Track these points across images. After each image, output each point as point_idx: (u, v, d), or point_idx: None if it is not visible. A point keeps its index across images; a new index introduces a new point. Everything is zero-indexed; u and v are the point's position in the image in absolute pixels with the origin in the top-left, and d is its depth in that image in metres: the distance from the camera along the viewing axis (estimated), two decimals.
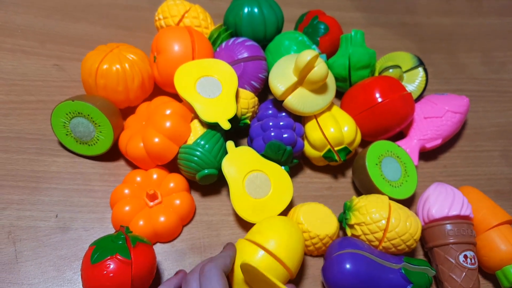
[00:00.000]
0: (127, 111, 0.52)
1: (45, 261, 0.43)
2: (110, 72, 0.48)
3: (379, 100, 0.50)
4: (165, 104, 0.48)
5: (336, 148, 0.49)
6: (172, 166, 0.49)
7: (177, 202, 0.46)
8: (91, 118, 0.46)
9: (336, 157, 0.49)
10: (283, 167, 0.48)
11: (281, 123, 0.48)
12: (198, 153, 0.45)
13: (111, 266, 0.36)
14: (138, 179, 0.47)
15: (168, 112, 0.47)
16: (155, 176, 0.47)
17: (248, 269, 0.36)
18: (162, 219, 0.44)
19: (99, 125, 0.47)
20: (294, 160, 0.50)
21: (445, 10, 0.79)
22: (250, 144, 0.51)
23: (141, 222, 0.44)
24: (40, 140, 0.50)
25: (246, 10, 0.55)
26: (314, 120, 0.50)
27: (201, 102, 0.47)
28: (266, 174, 0.47)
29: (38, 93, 0.54)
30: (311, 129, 0.50)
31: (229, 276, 0.39)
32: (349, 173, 0.54)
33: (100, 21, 0.63)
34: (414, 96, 0.58)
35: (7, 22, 0.59)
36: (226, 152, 0.48)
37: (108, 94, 0.49)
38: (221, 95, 0.48)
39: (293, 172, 0.53)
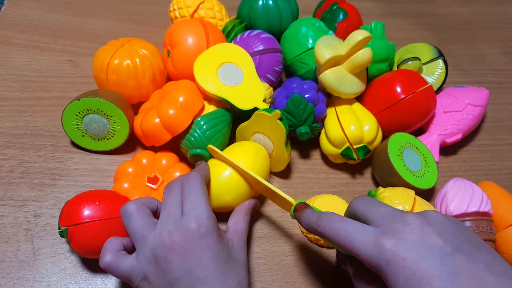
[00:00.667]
0: (139, 106, 0.51)
1: (63, 258, 0.43)
2: (121, 67, 0.47)
3: (402, 96, 0.49)
4: (177, 82, 0.49)
5: (355, 146, 0.48)
6: (156, 148, 0.49)
7: (177, 174, 0.46)
8: (102, 111, 0.46)
9: (355, 156, 0.48)
10: (303, 129, 0.48)
11: (304, 86, 0.48)
12: (195, 133, 0.46)
13: None
14: (144, 161, 0.47)
15: (180, 87, 0.47)
16: (144, 160, 0.47)
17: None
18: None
19: (112, 116, 0.46)
20: (314, 124, 0.49)
21: None
22: (272, 106, 0.51)
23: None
24: (56, 136, 0.50)
25: (260, 2, 0.54)
26: (334, 116, 0.49)
27: (230, 92, 0.47)
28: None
29: (53, 89, 0.53)
30: (331, 125, 0.49)
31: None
32: (367, 169, 0.54)
33: (113, 15, 0.63)
34: (433, 89, 0.57)
35: (20, 17, 0.59)
36: (225, 138, 0.48)
37: (119, 89, 0.49)
38: (245, 79, 0.48)
39: (309, 167, 0.53)
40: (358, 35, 0.45)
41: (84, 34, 0.60)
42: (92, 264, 0.43)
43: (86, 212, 0.39)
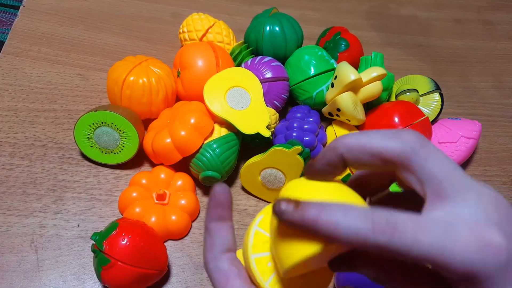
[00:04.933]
0: (146, 122, 0.53)
1: (66, 270, 0.43)
2: (137, 84, 0.49)
3: (399, 128, 0.51)
4: (188, 104, 0.50)
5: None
6: (178, 167, 0.50)
7: (183, 202, 0.47)
8: (115, 125, 0.47)
9: None
10: None
11: (305, 126, 0.50)
12: (208, 154, 0.47)
13: None
14: (144, 181, 0.48)
15: (192, 108, 0.48)
16: (162, 175, 0.49)
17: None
18: (173, 218, 0.46)
19: (124, 132, 0.48)
20: None
21: (458, 32, 0.81)
22: (272, 140, 0.53)
23: (153, 219, 0.45)
24: (63, 149, 0.51)
25: (268, 28, 0.56)
26: None
27: (236, 116, 0.49)
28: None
29: (63, 102, 0.55)
30: None
31: None
32: None
33: (124, 32, 0.64)
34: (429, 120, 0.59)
35: (32, 29, 0.60)
36: (235, 160, 0.50)
37: (131, 105, 0.50)
38: (251, 104, 0.50)
39: None
40: (376, 71, 0.50)
41: (94, 49, 0.61)
42: (94, 277, 0.43)
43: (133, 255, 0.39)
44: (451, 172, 0.19)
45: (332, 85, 0.52)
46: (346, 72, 0.49)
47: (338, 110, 0.51)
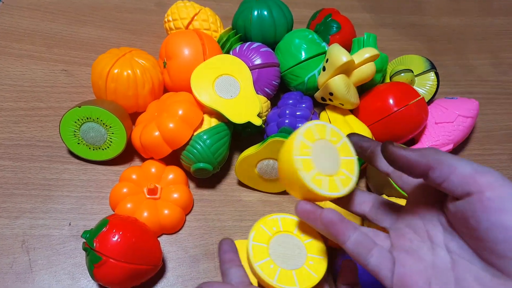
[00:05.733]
0: (134, 116, 0.52)
1: (59, 270, 0.43)
2: (121, 77, 0.47)
3: (395, 109, 0.50)
4: (176, 95, 0.49)
5: None
6: (169, 160, 0.49)
7: (175, 195, 0.46)
8: (101, 121, 0.46)
9: None
10: None
11: (298, 113, 0.49)
12: (198, 146, 0.46)
13: None
14: (134, 176, 0.47)
15: (179, 99, 0.47)
16: (153, 170, 0.48)
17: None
18: (166, 212, 0.45)
19: (110, 127, 0.47)
20: None
21: (453, 9, 0.79)
22: (264, 129, 0.52)
23: (145, 214, 0.44)
24: (51, 147, 0.50)
25: (255, 13, 0.55)
26: None
27: (226, 105, 0.47)
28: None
29: (48, 100, 0.53)
30: None
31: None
32: (362, 179, 0.54)
33: (107, 24, 0.63)
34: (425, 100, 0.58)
35: (13, 26, 0.59)
36: (227, 151, 0.49)
37: (117, 98, 0.49)
38: (241, 92, 0.49)
39: None
40: (368, 52, 0.48)
41: (78, 43, 0.59)
42: (88, 276, 0.43)
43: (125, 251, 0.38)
44: None
45: (324, 69, 0.50)
46: (338, 54, 0.47)
47: (331, 94, 0.50)
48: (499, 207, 0.22)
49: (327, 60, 0.49)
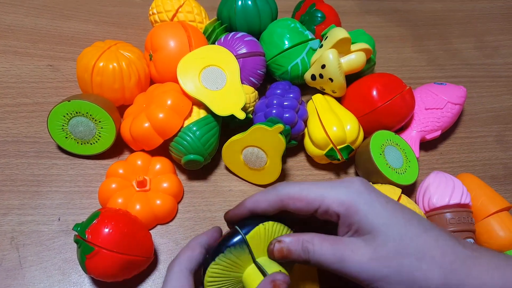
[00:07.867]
0: (120, 109, 0.51)
1: (50, 265, 0.43)
2: (107, 70, 0.47)
3: (380, 103, 0.50)
4: (162, 86, 0.49)
5: (338, 147, 0.49)
6: (155, 151, 0.49)
7: (165, 185, 0.47)
8: (90, 115, 0.46)
9: (339, 156, 0.49)
10: None
11: (285, 103, 0.49)
12: (188, 138, 0.46)
13: None
14: (121, 171, 0.47)
15: (167, 89, 0.47)
16: (139, 162, 0.48)
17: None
18: (158, 202, 0.45)
19: (100, 121, 0.46)
20: (292, 141, 0.50)
21: None
22: (252, 119, 0.52)
23: (137, 207, 0.44)
24: (38, 143, 0.50)
25: (239, 3, 0.55)
26: (316, 118, 0.50)
27: (211, 97, 0.47)
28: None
29: (34, 95, 0.53)
30: (314, 128, 0.50)
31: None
32: (351, 167, 0.55)
33: (92, 18, 0.62)
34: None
35: None
36: (217, 142, 0.48)
37: (103, 92, 0.49)
38: (227, 84, 0.48)
39: (293, 164, 0.54)
40: (366, 45, 0.52)
41: (63, 38, 0.59)
42: (79, 270, 0.43)
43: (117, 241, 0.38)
44: None
45: (321, 46, 0.51)
46: (339, 30, 0.49)
47: (323, 67, 0.49)
48: None
49: (326, 38, 0.50)
